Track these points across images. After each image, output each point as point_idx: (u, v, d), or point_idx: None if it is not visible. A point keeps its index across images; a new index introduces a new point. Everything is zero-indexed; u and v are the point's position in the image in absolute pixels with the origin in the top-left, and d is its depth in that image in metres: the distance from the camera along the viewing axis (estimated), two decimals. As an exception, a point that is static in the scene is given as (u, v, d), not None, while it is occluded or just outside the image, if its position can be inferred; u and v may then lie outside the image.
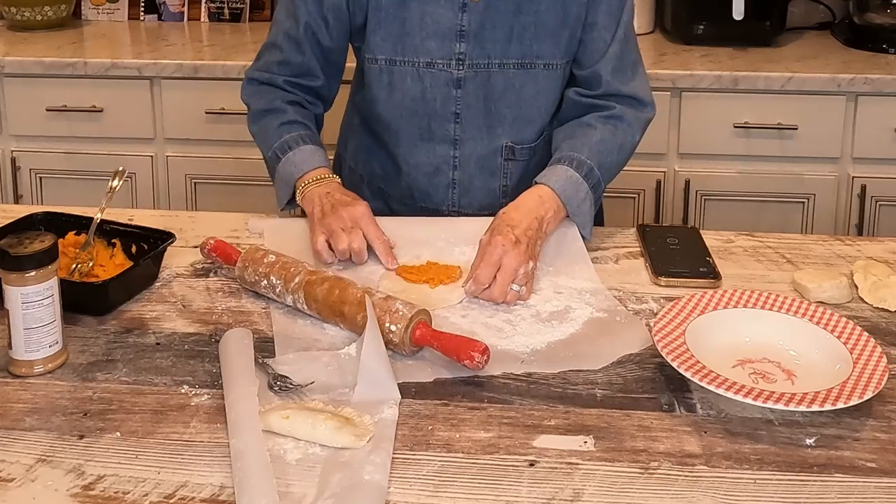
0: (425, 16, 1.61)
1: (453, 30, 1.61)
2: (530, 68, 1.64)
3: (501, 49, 1.63)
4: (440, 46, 1.62)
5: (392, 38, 1.63)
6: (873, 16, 2.87)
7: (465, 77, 1.64)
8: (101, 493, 1.02)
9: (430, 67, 1.63)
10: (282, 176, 1.63)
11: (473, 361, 1.20)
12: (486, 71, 1.64)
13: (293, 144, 1.63)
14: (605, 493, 1.03)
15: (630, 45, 1.67)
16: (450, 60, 1.63)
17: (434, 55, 1.63)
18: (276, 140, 1.64)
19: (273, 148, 1.64)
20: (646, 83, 1.70)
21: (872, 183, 2.67)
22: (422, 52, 1.63)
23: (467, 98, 1.65)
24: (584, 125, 1.63)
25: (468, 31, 1.61)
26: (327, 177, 1.60)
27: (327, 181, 1.59)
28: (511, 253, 1.40)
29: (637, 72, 1.69)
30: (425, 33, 1.62)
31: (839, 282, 1.42)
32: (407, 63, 1.64)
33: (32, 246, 1.19)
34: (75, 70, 2.76)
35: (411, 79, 1.65)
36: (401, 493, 1.02)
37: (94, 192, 1.67)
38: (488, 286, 1.39)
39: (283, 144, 1.63)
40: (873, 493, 1.03)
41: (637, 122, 1.66)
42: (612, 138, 1.62)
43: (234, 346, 1.24)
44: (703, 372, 1.18)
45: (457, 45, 1.62)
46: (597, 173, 1.57)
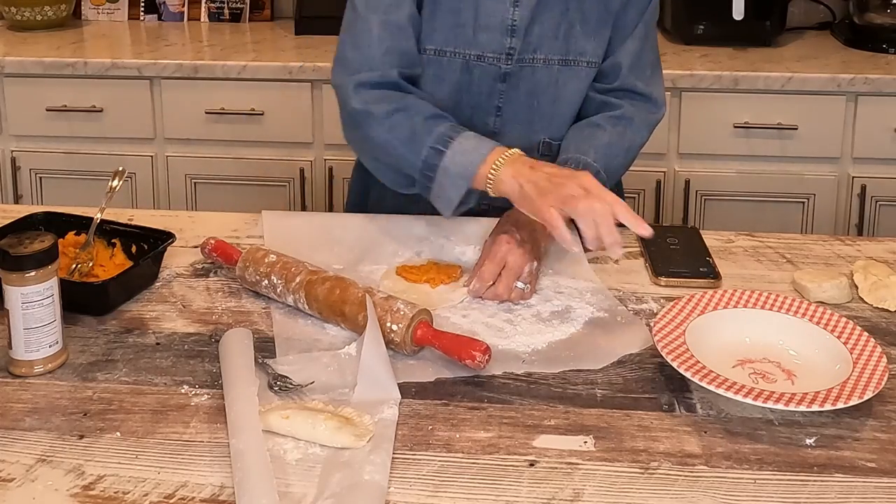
0: (479, 8, 1.59)
1: (505, 24, 1.60)
2: (574, 65, 1.63)
3: (548, 45, 1.62)
4: (491, 40, 1.60)
5: (444, 29, 1.60)
6: (873, 16, 2.87)
7: (511, 71, 1.62)
8: (101, 493, 1.02)
9: (479, 60, 1.61)
10: (453, 171, 1.43)
11: (475, 361, 1.20)
12: (530, 66, 1.62)
13: (453, 133, 1.46)
14: (605, 493, 1.03)
15: (650, 44, 1.67)
16: (500, 55, 1.61)
17: (485, 48, 1.61)
18: (427, 135, 1.46)
19: (428, 146, 1.45)
20: (661, 86, 1.69)
21: (872, 183, 2.67)
22: (473, 45, 1.60)
23: (510, 92, 1.64)
24: (593, 125, 1.63)
25: (519, 27, 1.60)
26: (514, 152, 1.42)
27: (516, 156, 1.41)
28: (516, 252, 1.40)
29: (655, 73, 1.69)
30: (478, 25, 1.60)
31: (839, 282, 1.42)
32: (457, 55, 1.61)
33: (32, 246, 1.19)
34: (75, 70, 2.76)
35: (460, 71, 1.62)
36: (401, 493, 1.02)
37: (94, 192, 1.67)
38: (492, 283, 1.39)
39: (442, 137, 1.45)
40: (873, 493, 1.03)
41: (646, 124, 1.66)
42: (620, 141, 1.61)
43: (234, 346, 1.24)
44: (703, 372, 1.18)
45: (508, 39, 1.60)
46: (602, 175, 1.55)
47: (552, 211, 1.31)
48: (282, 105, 2.77)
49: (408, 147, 1.47)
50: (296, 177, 2.80)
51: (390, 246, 1.54)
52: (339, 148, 2.78)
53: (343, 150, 2.77)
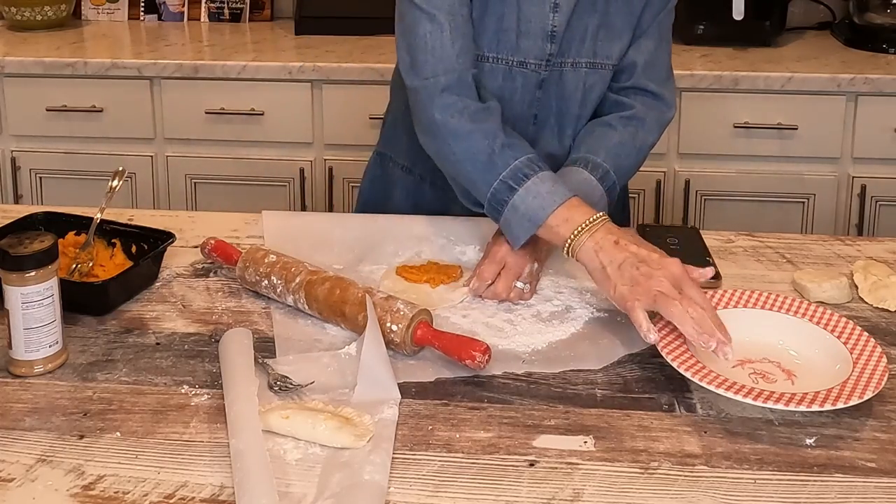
0: (521, 14, 1.55)
1: (545, 30, 1.56)
2: (600, 69, 1.61)
3: (576, 49, 1.59)
4: (532, 46, 1.57)
5: (488, 34, 1.56)
6: (873, 16, 2.87)
7: (546, 78, 1.60)
8: (101, 493, 1.02)
9: (522, 67, 1.57)
10: (522, 211, 1.39)
11: (475, 361, 1.20)
12: (559, 70, 1.60)
13: (528, 171, 1.41)
14: (605, 493, 1.03)
15: (664, 45, 1.65)
16: (541, 61, 1.58)
17: (527, 55, 1.57)
18: (503, 167, 1.41)
19: (501, 178, 1.41)
20: (673, 87, 1.68)
21: (872, 183, 2.67)
22: (516, 52, 1.57)
23: (545, 99, 1.61)
24: (604, 125, 1.61)
25: (558, 32, 1.57)
26: (596, 218, 1.35)
27: (602, 222, 1.35)
28: (516, 253, 1.40)
29: (668, 74, 1.67)
30: (521, 31, 1.56)
31: (839, 282, 1.42)
32: (500, 61, 1.57)
33: (32, 246, 1.19)
34: (75, 70, 2.76)
35: (503, 77, 1.58)
36: (401, 493, 1.02)
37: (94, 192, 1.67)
38: (492, 282, 1.39)
39: (516, 173, 1.41)
40: (873, 493, 1.03)
41: (657, 124, 1.64)
42: (632, 141, 1.60)
43: (234, 346, 1.24)
44: (703, 372, 1.18)
45: (548, 45, 1.57)
46: (612, 176, 1.55)
47: (638, 309, 1.24)
48: (282, 105, 2.77)
49: (481, 173, 1.43)
50: (296, 177, 2.80)
51: (390, 246, 1.54)
52: (339, 148, 2.78)
53: (343, 150, 2.77)
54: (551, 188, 1.39)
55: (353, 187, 2.78)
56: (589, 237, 1.33)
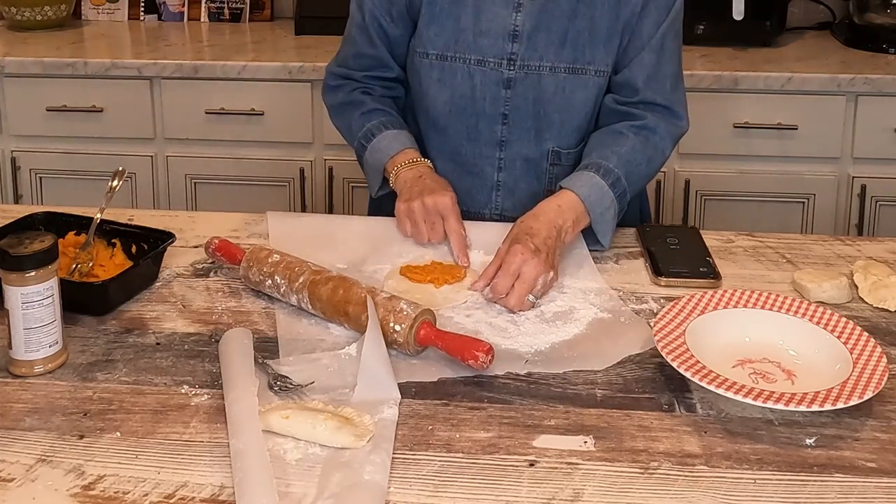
0: (480, 13, 1.62)
1: (507, 29, 1.61)
2: (582, 74, 1.63)
3: (554, 52, 1.62)
4: (492, 45, 1.62)
5: (445, 34, 1.64)
6: (873, 16, 2.87)
7: (515, 78, 1.63)
8: (101, 493, 1.02)
9: (480, 65, 1.63)
10: (370, 164, 1.68)
11: (478, 361, 1.20)
12: (536, 73, 1.62)
13: (375, 131, 1.67)
14: (605, 493, 1.03)
15: (667, 56, 1.64)
16: (501, 60, 1.62)
17: (486, 53, 1.63)
18: (359, 130, 1.69)
19: (357, 138, 1.69)
20: (683, 98, 1.68)
21: (872, 183, 2.67)
22: (474, 50, 1.63)
23: (516, 100, 1.64)
24: (615, 133, 1.62)
25: (521, 32, 1.61)
26: (419, 160, 1.64)
27: (420, 164, 1.64)
28: (531, 262, 1.39)
29: (676, 85, 1.67)
30: (479, 30, 1.62)
31: (839, 282, 1.42)
32: (458, 59, 1.64)
33: (32, 246, 1.19)
34: (75, 70, 2.76)
35: (461, 76, 1.64)
36: (401, 493, 1.02)
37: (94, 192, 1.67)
38: (505, 295, 1.38)
39: (367, 133, 1.68)
40: (873, 493, 1.03)
41: (669, 135, 1.64)
42: (643, 149, 1.60)
43: (234, 346, 1.24)
44: (703, 372, 1.18)
45: (509, 45, 1.62)
46: (623, 183, 1.55)
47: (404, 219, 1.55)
48: (282, 105, 2.77)
49: (349, 137, 1.73)
50: (296, 177, 2.80)
51: (394, 246, 1.55)
52: (339, 148, 2.77)
53: (343, 150, 2.77)
54: (390, 142, 1.66)
55: (354, 187, 2.78)
56: (407, 171, 1.62)
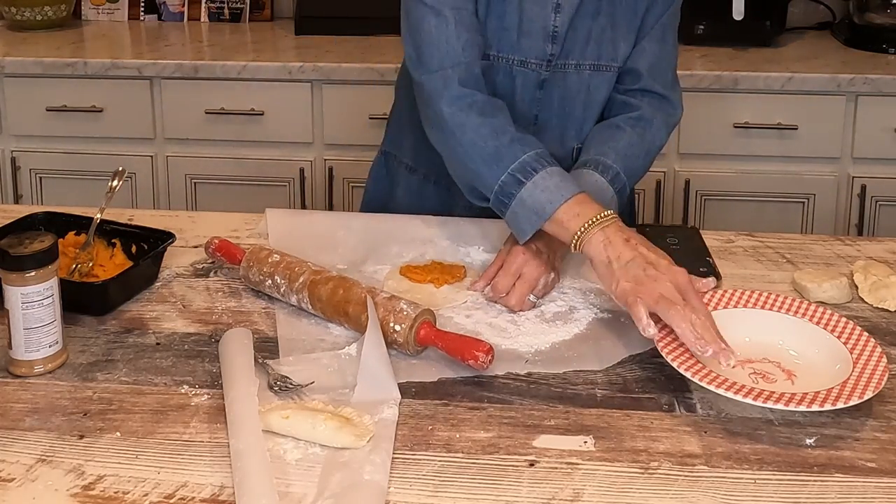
0: (523, 13, 1.56)
1: (547, 30, 1.57)
2: (605, 71, 1.61)
3: (580, 51, 1.59)
4: (533, 46, 1.57)
5: (489, 33, 1.57)
6: (873, 16, 2.87)
7: (547, 78, 1.60)
8: (101, 493, 1.02)
9: (522, 66, 1.58)
10: (528, 204, 1.38)
11: (478, 361, 1.20)
12: (562, 72, 1.60)
13: (536, 166, 1.40)
14: (605, 493, 1.03)
15: (668, 47, 1.65)
16: (541, 61, 1.58)
17: (528, 54, 1.58)
18: (511, 161, 1.41)
19: (509, 171, 1.40)
20: (679, 88, 1.68)
21: (872, 183, 2.67)
22: (517, 50, 1.58)
23: (546, 100, 1.61)
24: (612, 127, 1.61)
25: (559, 33, 1.57)
26: (606, 214, 1.35)
27: (612, 220, 1.34)
28: (532, 263, 1.39)
29: (675, 78, 1.67)
30: (522, 31, 1.57)
31: (839, 282, 1.42)
32: (501, 59, 1.58)
33: (32, 246, 1.19)
34: (75, 70, 2.76)
35: (504, 76, 1.59)
36: (401, 493, 1.02)
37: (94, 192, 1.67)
38: (506, 295, 1.38)
39: (525, 166, 1.40)
40: (873, 493, 1.03)
41: (665, 125, 1.64)
42: (640, 142, 1.60)
43: (234, 346, 1.24)
44: (703, 372, 1.18)
45: (549, 45, 1.58)
46: (622, 178, 1.55)
47: (640, 305, 1.24)
48: (282, 105, 2.77)
49: (488, 166, 1.43)
50: (296, 177, 2.80)
51: (394, 246, 1.54)
52: (339, 148, 2.78)
53: (343, 150, 2.77)
54: (559, 182, 1.38)
55: (354, 187, 2.78)
56: (599, 231, 1.32)
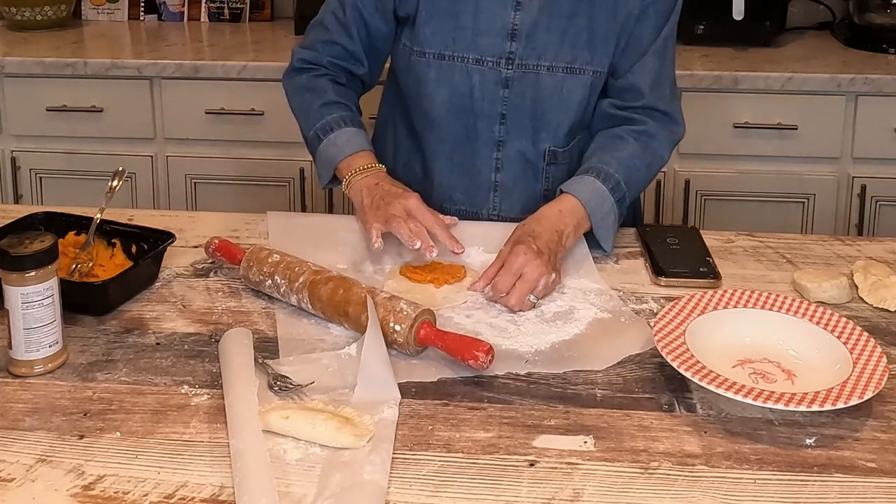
0: (479, 12, 1.60)
1: (506, 28, 1.60)
2: (580, 74, 1.62)
3: (553, 52, 1.61)
4: (491, 44, 1.61)
5: (443, 33, 1.62)
6: (873, 16, 2.87)
7: (513, 77, 1.62)
8: (101, 493, 1.02)
9: (479, 64, 1.62)
10: (324, 157, 1.65)
11: (478, 361, 1.20)
12: (534, 73, 1.61)
13: (335, 126, 1.64)
14: (605, 493, 1.03)
15: (668, 62, 1.66)
16: (500, 59, 1.61)
17: (484, 52, 1.61)
18: (317, 120, 1.66)
19: (315, 128, 1.66)
20: (679, 104, 1.69)
21: (872, 183, 2.67)
22: (472, 49, 1.61)
23: (514, 99, 1.63)
24: (615, 137, 1.62)
25: (520, 31, 1.60)
26: (374, 166, 1.61)
27: (374, 171, 1.60)
28: (533, 263, 1.39)
29: (673, 91, 1.68)
30: (478, 29, 1.60)
31: (839, 282, 1.42)
32: (457, 58, 1.62)
33: (32, 246, 1.19)
34: (75, 70, 2.76)
35: (460, 75, 1.63)
36: (401, 493, 1.02)
37: (94, 192, 1.67)
38: (506, 294, 1.38)
39: (325, 126, 1.64)
40: (873, 493, 1.03)
41: (667, 142, 1.65)
42: (643, 155, 1.60)
43: (234, 346, 1.24)
44: (703, 372, 1.18)
45: (508, 43, 1.60)
46: (623, 188, 1.55)
47: (372, 226, 1.48)
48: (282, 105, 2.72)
49: (305, 123, 1.69)
50: (296, 177, 2.80)
51: (394, 246, 1.54)
52: (339, 148, 2.77)
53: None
54: (348, 139, 1.63)
55: (353, 187, 2.77)
56: (361, 178, 1.59)
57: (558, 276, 1.43)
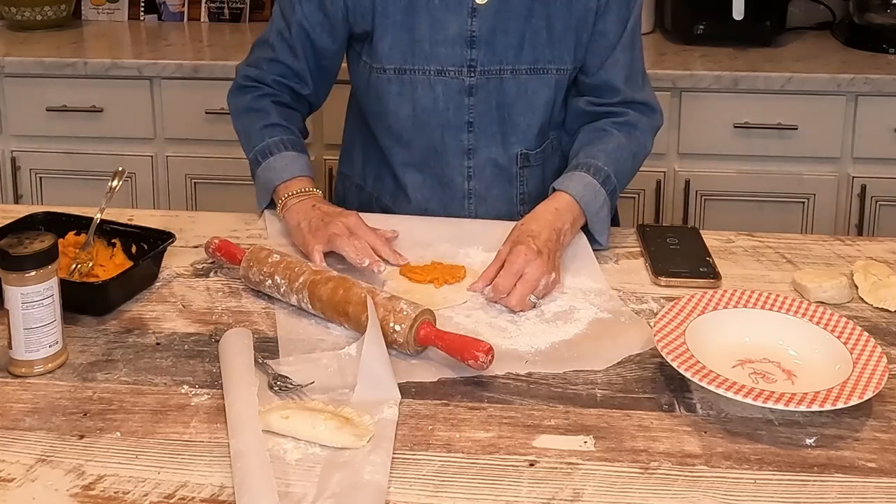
0: (434, 22, 1.58)
1: (463, 36, 1.58)
2: (543, 73, 1.62)
3: (514, 55, 1.60)
4: (451, 53, 1.59)
5: (401, 47, 1.60)
6: (873, 16, 2.87)
7: (476, 84, 1.61)
8: (101, 493, 1.02)
9: (441, 75, 1.60)
10: (261, 181, 1.62)
11: (478, 361, 1.20)
12: (497, 77, 1.61)
13: (274, 150, 1.62)
14: (605, 493, 1.03)
15: (637, 53, 1.66)
16: (461, 67, 1.60)
17: (445, 62, 1.60)
18: (257, 143, 1.63)
19: (254, 150, 1.63)
20: (652, 92, 1.70)
21: (872, 183, 2.67)
22: (432, 60, 1.60)
23: (479, 106, 1.62)
24: (599, 131, 1.62)
25: (479, 37, 1.58)
26: (310, 190, 1.59)
27: (311, 196, 1.57)
28: (534, 263, 1.39)
29: (646, 80, 1.69)
30: (435, 40, 1.59)
31: (839, 282, 1.42)
32: (418, 71, 1.60)
33: (32, 246, 1.19)
34: (75, 70, 2.76)
35: (422, 88, 1.61)
36: (401, 493, 1.02)
37: (94, 192, 1.67)
38: (506, 295, 1.38)
39: (265, 149, 1.62)
40: (873, 493, 1.03)
41: (649, 130, 1.66)
42: (628, 145, 1.61)
43: (234, 346, 1.24)
44: (703, 372, 1.18)
45: (468, 51, 1.59)
46: (613, 180, 1.56)
47: (315, 248, 1.45)
48: (282, 105, 2.76)
49: (246, 145, 1.67)
50: (296, 177, 2.79)
51: (394, 246, 1.54)
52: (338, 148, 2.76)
53: (343, 150, 2.77)
54: (286, 164, 1.60)
55: (353, 187, 2.78)
56: (297, 202, 1.56)
57: (558, 275, 1.43)
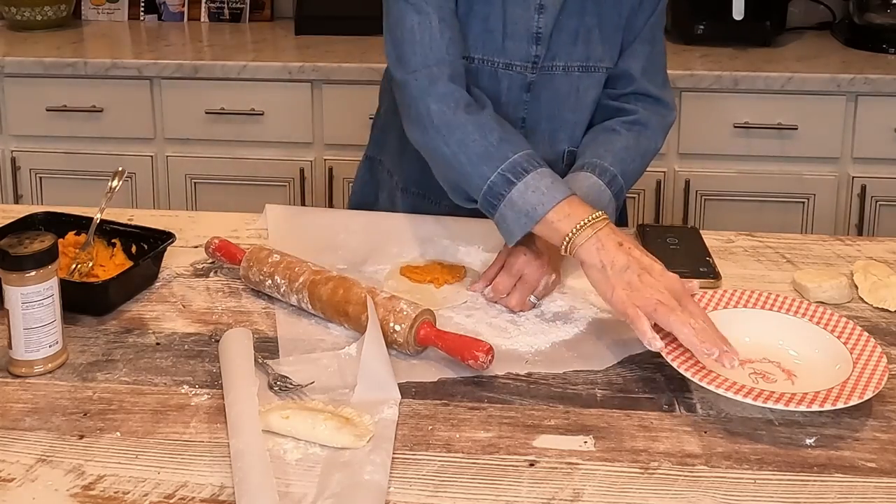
0: (507, 15, 1.55)
1: (530, 31, 1.56)
2: (593, 71, 1.60)
3: (567, 52, 1.58)
4: (518, 48, 1.56)
5: (473, 35, 1.55)
6: (873, 16, 2.87)
7: (535, 81, 1.59)
8: (101, 493, 1.02)
9: (508, 69, 1.57)
10: (519, 206, 1.34)
11: (478, 361, 1.20)
12: (549, 74, 1.58)
13: (527, 166, 1.36)
14: (605, 493, 1.03)
15: (658, 48, 1.64)
16: (526, 63, 1.57)
17: (512, 57, 1.56)
18: (501, 161, 1.37)
19: (498, 171, 1.37)
20: (671, 89, 1.68)
21: (872, 183, 2.67)
22: (501, 53, 1.56)
23: (534, 102, 1.60)
24: (608, 131, 1.61)
25: (543, 34, 1.56)
26: (598, 216, 1.31)
27: (602, 223, 1.31)
28: (534, 264, 1.38)
29: (666, 78, 1.67)
30: (506, 33, 1.55)
31: (839, 282, 1.42)
32: (486, 62, 1.56)
33: (32, 246, 1.19)
34: (75, 70, 2.77)
35: (488, 79, 1.57)
36: (401, 493, 1.02)
37: (94, 192, 1.67)
38: (506, 295, 1.38)
39: (515, 166, 1.36)
40: (873, 493, 1.03)
41: (660, 128, 1.64)
42: (636, 145, 1.59)
43: (234, 346, 1.24)
44: (703, 372, 1.18)
45: (533, 47, 1.56)
46: (619, 181, 1.54)
47: (638, 312, 1.22)
48: (282, 105, 2.77)
49: (476, 166, 1.39)
50: (296, 177, 2.80)
51: (394, 246, 1.54)
52: (339, 148, 2.78)
53: (343, 150, 2.77)
54: (551, 184, 1.35)
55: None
56: (592, 234, 1.29)
57: (558, 276, 1.43)
